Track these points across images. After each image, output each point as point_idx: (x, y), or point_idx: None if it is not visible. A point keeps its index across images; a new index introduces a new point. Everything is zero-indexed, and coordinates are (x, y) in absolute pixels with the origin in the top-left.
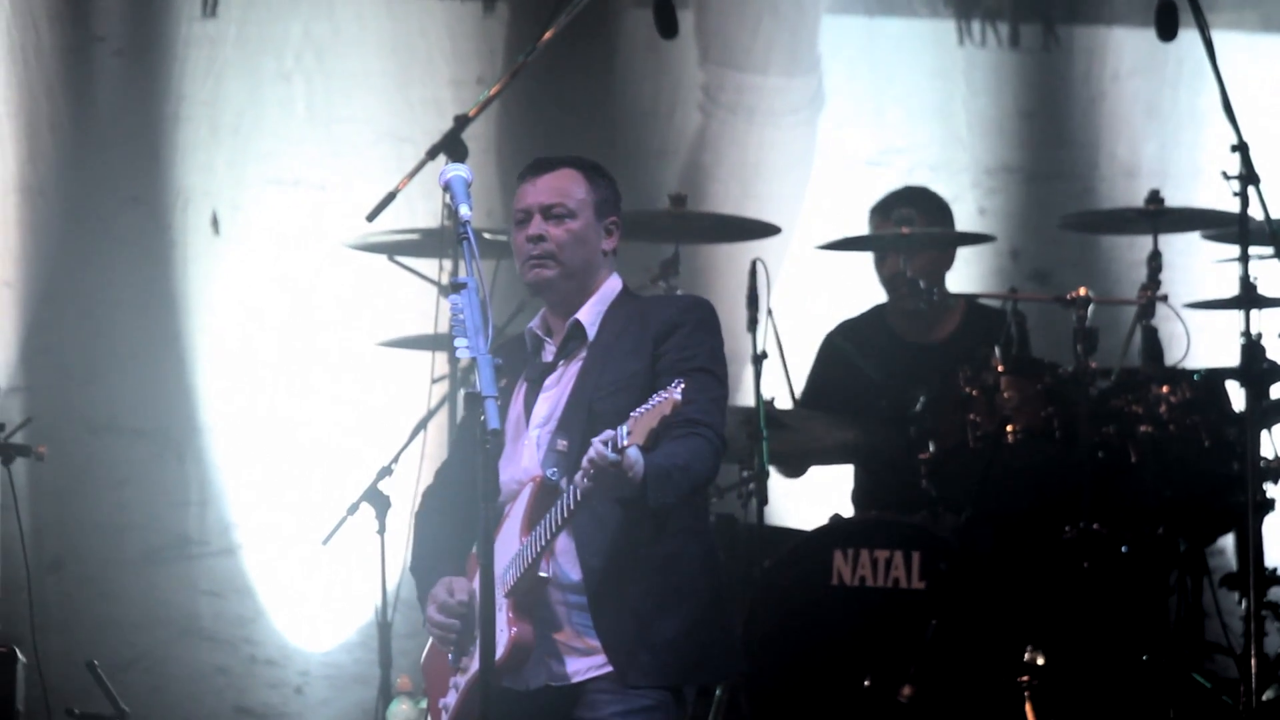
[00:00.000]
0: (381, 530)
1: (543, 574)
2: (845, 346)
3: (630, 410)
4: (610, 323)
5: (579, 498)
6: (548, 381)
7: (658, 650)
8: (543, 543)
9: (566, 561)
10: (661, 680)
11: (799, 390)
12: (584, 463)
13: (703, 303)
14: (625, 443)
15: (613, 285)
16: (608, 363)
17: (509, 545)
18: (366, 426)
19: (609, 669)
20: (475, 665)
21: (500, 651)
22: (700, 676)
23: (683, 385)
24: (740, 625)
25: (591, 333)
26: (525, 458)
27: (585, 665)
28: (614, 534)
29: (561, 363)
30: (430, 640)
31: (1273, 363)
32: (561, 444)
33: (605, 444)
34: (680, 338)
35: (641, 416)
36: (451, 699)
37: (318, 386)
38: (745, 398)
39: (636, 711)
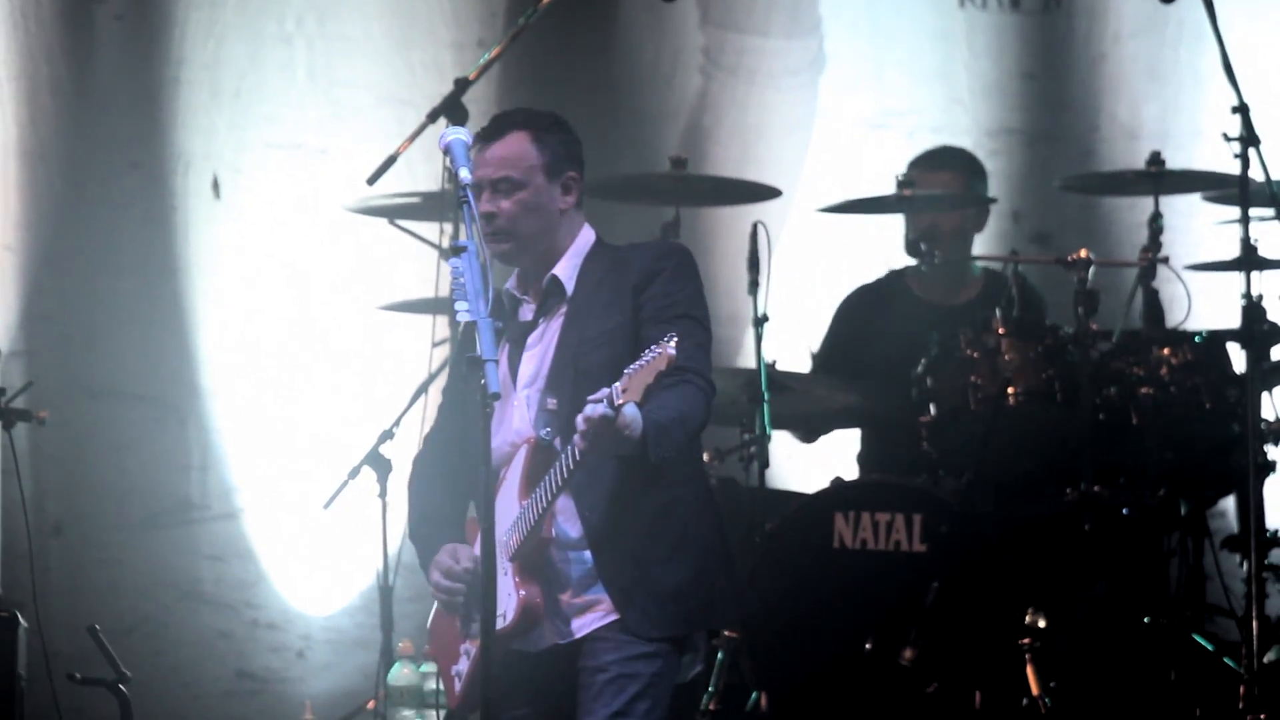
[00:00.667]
0: (383, 494)
1: (545, 535)
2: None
3: (617, 364)
4: (587, 275)
5: (577, 458)
6: (530, 340)
7: (662, 599)
8: (543, 504)
9: (566, 519)
10: (666, 629)
11: (815, 353)
12: (579, 422)
13: (679, 247)
14: (620, 400)
15: (585, 237)
16: (589, 317)
17: (508, 509)
18: (367, 390)
19: (611, 618)
20: None
21: (511, 616)
22: (705, 623)
23: (675, 339)
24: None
25: (570, 287)
26: (516, 419)
27: (590, 619)
28: (610, 487)
29: (542, 320)
30: (435, 606)
31: (1273, 324)
32: (551, 403)
33: (600, 402)
34: (660, 285)
35: (636, 373)
36: (464, 666)
37: (318, 350)
38: (747, 360)
39: (636, 658)
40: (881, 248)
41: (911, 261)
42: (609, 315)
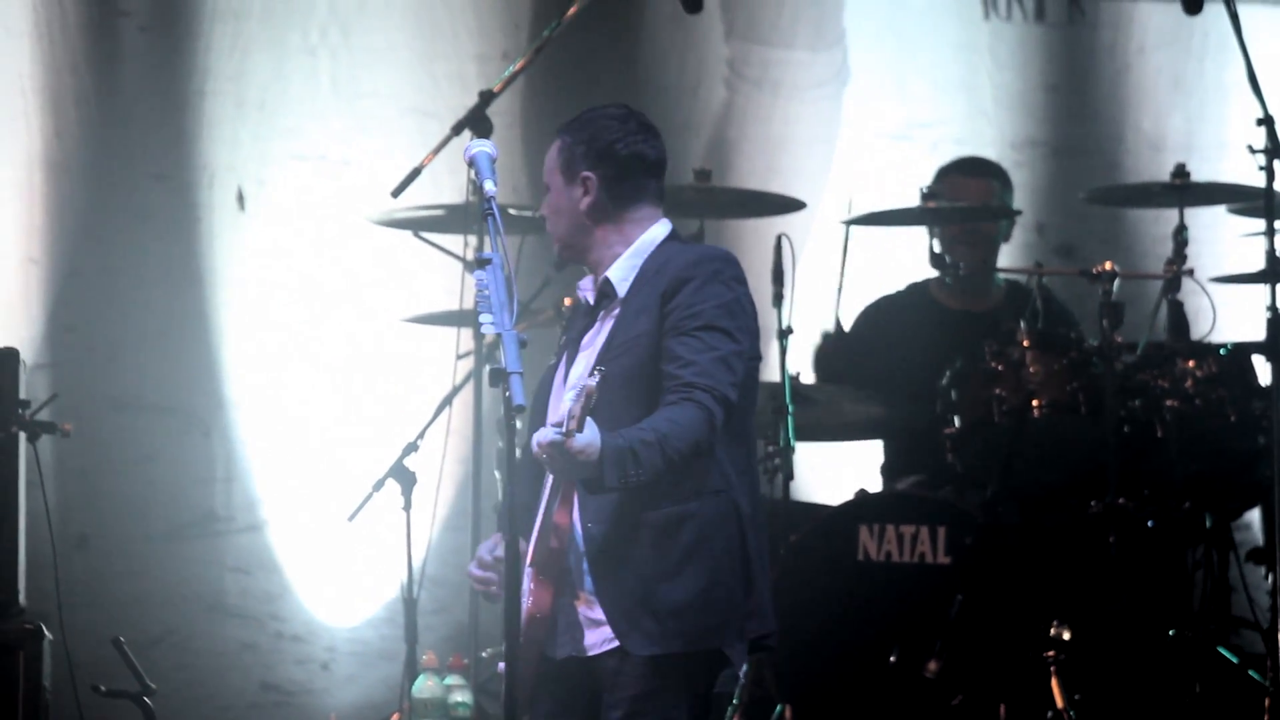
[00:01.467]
0: (407, 506)
1: (553, 546)
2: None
3: (634, 372)
4: (644, 278)
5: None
6: (584, 340)
7: (664, 616)
8: (543, 516)
9: (574, 532)
10: (668, 646)
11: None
12: (533, 445)
13: (717, 255)
14: (570, 425)
15: (653, 235)
16: (622, 323)
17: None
18: (392, 402)
19: (617, 642)
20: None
21: (523, 619)
22: (715, 640)
23: (600, 374)
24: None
25: (622, 289)
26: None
27: (600, 638)
28: (615, 499)
29: (598, 321)
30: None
31: None
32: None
33: (557, 426)
34: (686, 294)
35: (574, 403)
36: (500, 664)
37: (343, 362)
38: (771, 373)
39: (647, 695)
40: (906, 260)
41: (932, 274)
42: (638, 323)
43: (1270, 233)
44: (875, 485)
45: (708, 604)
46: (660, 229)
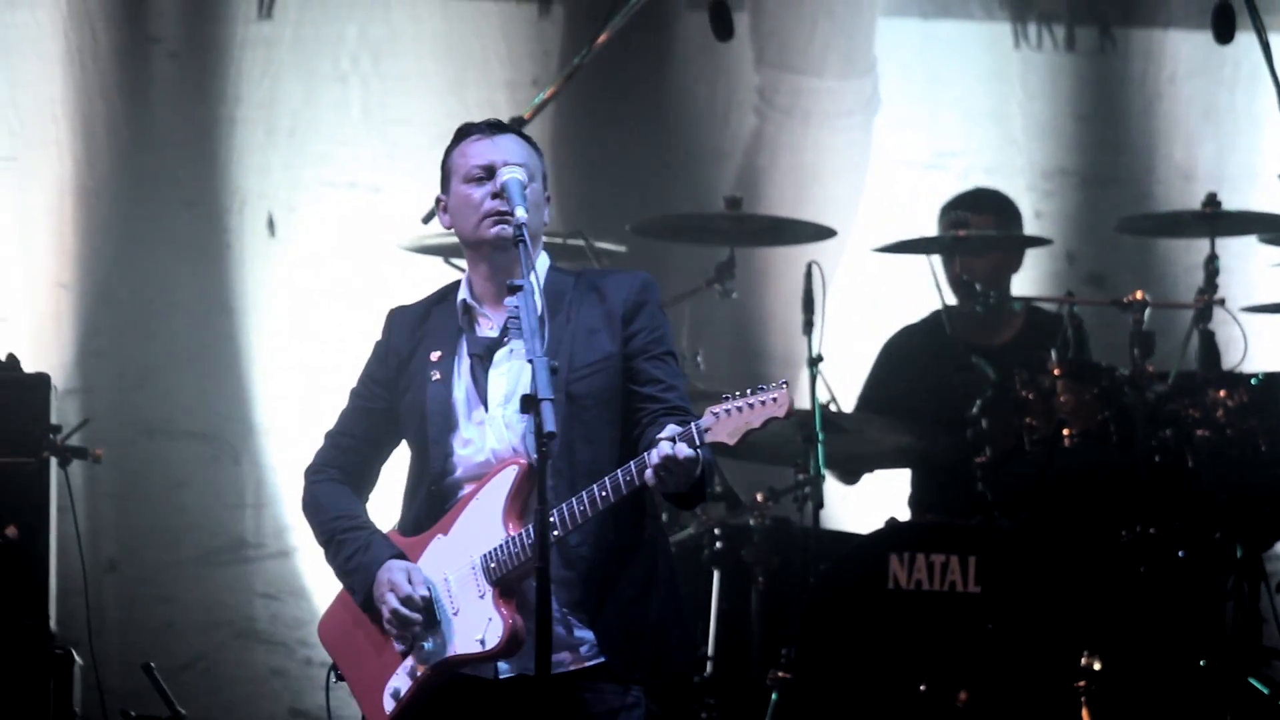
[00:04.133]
0: None
1: (541, 564)
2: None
3: (610, 393)
4: (553, 296)
5: (624, 492)
6: (497, 357)
7: (639, 640)
8: (558, 532)
9: (553, 551)
10: (645, 671)
11: (859, 393)
12: (655, 458)
13: (652, 280)
14: (704, 440)
15: (544, 259)
16: (575, 342)
17: (487, 530)
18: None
19: (595, 661)
20: (449, 652)
21: (496, 641)
22: (666, 667)
23: (786, 384)
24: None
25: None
26: (491, 438)
27: (569, 658)
28: (604, 522)
29: (509, 337)
30: (331, 609)
31: None
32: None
33: (677, 439)
34: (646, 319)
35: (735, 414)
36: (404, 684)
37: None
38: (801, 401)
39: (619, 711)
40: (935, 288)
41: (952, 300)
42: (598, 344)
43: None
44: (905, 514)
45: (657, 633)
46: (545, 255)
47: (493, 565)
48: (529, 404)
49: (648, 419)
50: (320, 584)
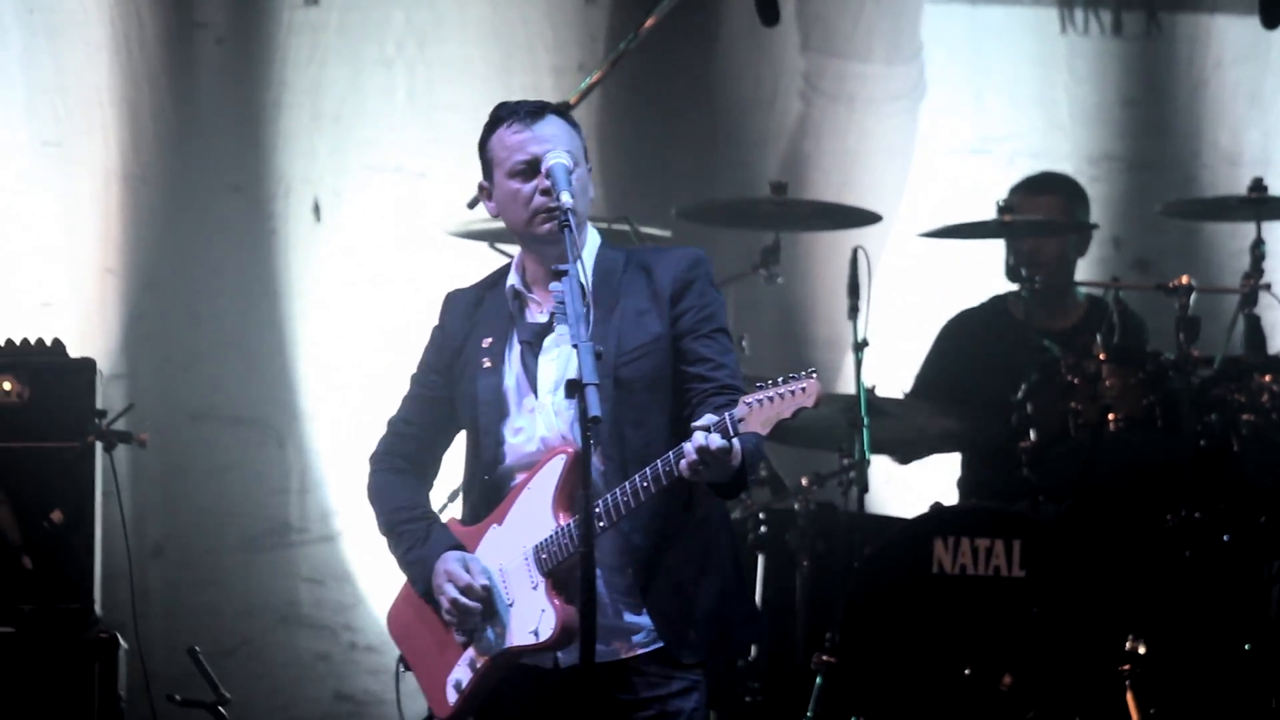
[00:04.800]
0: None
1: (583, 549)
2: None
3: (658, 376)
4: (603, 278)
5: (665, 483)
6: (546, 343)
7: (697, 623)
8: (604, 524)
9: (605, 539)
10: (703, 654)
11: (916, 377)
12: (691, 451)
13: (704, 255)
14: (738, 429)
15: (594, 238)
16: (624, 325)
17: (537, 520)
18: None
19: (652, 647)
20: (507, 643)
21: (550, 633)
22: (726, 650)
23: (815, 372)
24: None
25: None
26: (541, 426)
27: (623, 646)
28: (654, 506)
29: (557, 324)
30: (398, 600)
31: None
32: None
33: (712, 429)
34: (695, 297)
35: (767, 404)
36: (465, 675)
37: None
38: (846, 385)
39: (675, 696)
40: (981, 273)
41: (1013, 286)
42: (646, 325)
43: None
44: (950, 498)
45: (722, 612)
46: (595, 231)
47: (544, 556)
48: (574, 389)
49: (696, 399)
50: (364, 569)
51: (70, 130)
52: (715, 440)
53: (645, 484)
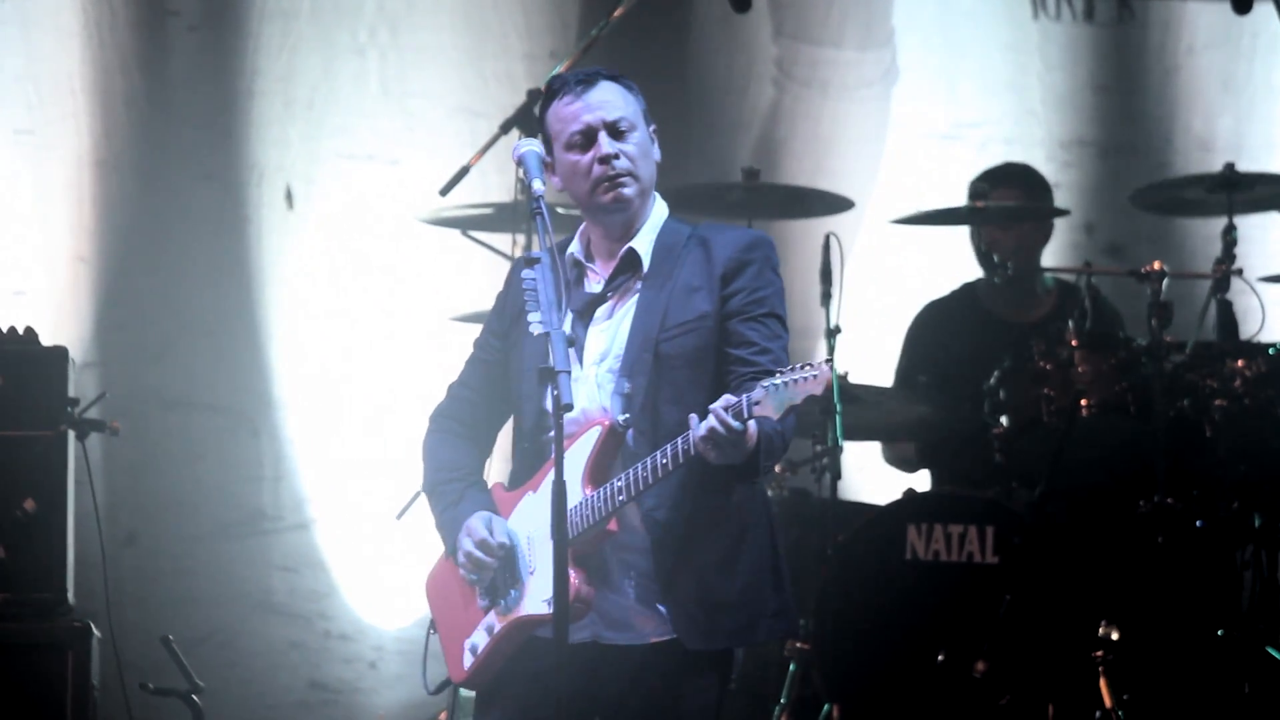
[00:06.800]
0: None
1: (611, 529)
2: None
3: (701, 354)
4: (664, 252)
5: (680, 460)
6: (598, 314)
7: (714, 610)
8: (622, 498)
9: (629, 521)
10: (716, 642)
11: (895, 373)
12: (703, 430)
13: (767, 239)
14: (752, 412)
15: (661, 210)
16: (672, 300)
17: (569, 490)
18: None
19: (666, 636)
20: (520, 611)
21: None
22: (747, 639)
23: (829, 361)
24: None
25: (646, 263)
26: (584, 397)
27: (641, 631)
28: (678, 482)
29: (612, 294)
30: (438, 566)
31: None
32: (627, 386)
33: (726, 410)
34: (749, 279)
35: (780, 389)
36: (482, 640)
37: (391, 361)
38: None
39: (686, 685)
40: (955, 259)
41: (983, 274)
42: (694, 303)
43: None
44: (923, 485)
45: (746, 602)
46: (663, 203)
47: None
48: (546, 376)
49: (736, 382)
50: (338, 557)
51: (42, 118)
52: (725, 419)
53: (664, 460)
